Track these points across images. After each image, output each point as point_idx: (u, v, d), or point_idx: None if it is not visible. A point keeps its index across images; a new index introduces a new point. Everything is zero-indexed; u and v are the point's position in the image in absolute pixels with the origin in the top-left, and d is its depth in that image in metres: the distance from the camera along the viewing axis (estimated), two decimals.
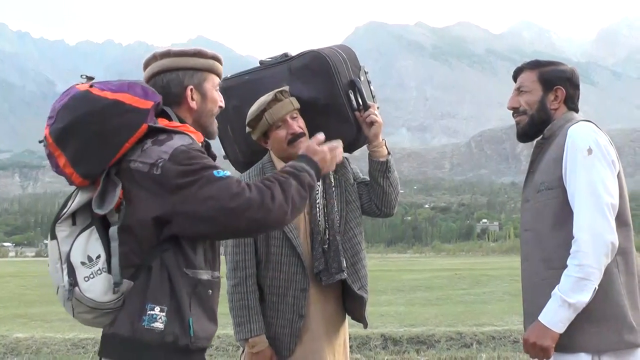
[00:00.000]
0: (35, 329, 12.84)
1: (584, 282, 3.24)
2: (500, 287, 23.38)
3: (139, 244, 2.77)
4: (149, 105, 2.83)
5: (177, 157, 2.73)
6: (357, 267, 4.08)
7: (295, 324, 3.90)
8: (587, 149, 3.37)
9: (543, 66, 3.74)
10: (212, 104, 3.11)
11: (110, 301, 2.76)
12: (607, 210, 3.31)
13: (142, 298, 2.74)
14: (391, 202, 4.21)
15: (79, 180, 2.84)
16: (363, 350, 10.28)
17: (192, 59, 3.06)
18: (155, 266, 2.76)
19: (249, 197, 2.69)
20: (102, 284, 2.74)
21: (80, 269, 2.74)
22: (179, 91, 3.02)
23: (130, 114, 2.78)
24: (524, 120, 3.73)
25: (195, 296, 2.83)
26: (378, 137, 4.07)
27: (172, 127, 2.90)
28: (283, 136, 3.91)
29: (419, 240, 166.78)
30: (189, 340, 2.77)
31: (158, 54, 3.10)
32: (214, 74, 3.13)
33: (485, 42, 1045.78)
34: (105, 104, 2.76)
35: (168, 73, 3.03)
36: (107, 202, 2.76)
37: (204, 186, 2.69)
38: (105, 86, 2.85)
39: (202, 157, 2.79)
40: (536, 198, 3.57)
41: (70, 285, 2.74)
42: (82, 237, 2.79)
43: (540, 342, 3.32)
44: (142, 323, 2.71)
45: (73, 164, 2.81)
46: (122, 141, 2.78)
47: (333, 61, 3.93)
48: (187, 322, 2.77)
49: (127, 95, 2.81)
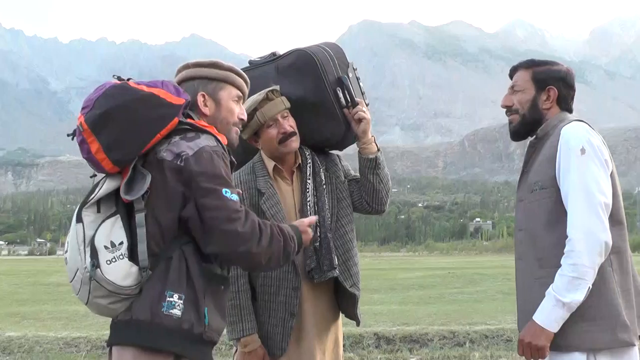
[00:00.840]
0: (28, 327, 12.78)
1: (578, 282, 3.25)
2: (493, 285, 23.43)
3: (162, 233, 2.90)
4: (181, 102, 3.01)
5: (200, 156, 2.90)
6: (348, 264, 4.07)
7: (287, 322, 3.90)
8: (580, 149, 3.38)
9: (537, 66, 3.75)
10: (227, 112, 3.23)
11: (129, 286, 2.84)
12: (601, 209, 3.32)
13: (162, 285, 2.85)
14: (382, 199, 4.20)
15: (110, 166, 2.95)
16: (356, 349, 10.25)
17: (207, 69, 3.23)
18: (176, 257, 2.89)
19: (240, 230, 2.86)
20: (124, 269, 2.83)
21: (103, 252, 2.83)
22: (193, 98, 3.18)
23: (164, 107, 2.95)
24: (516, 119, 3.75)
25: (210, 289, 2.97)
26: (367, 133, 4.06)
27: (201, 125, 3.04)
28: (274, 135, 3.92)
29: (412, 239, 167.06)
30: (204, 329, 2.90)
31: (181, 67, 3.31)
32: (231, 85, 3.26)
33: (478, 41, 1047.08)
34: (142, 94, 2.94)
35: (186, 82, 3.23)
36: (135, 189, 2.88)
37: (211, 197, 2.85)
38: (141, 82, 3.03)
39: (222, 165, 2.96)
40: (530, 198, 3.58)
41: (92, 266, 2.81)
42: (108, 223, 2.89)
43: (536, 342, 3.33)
44: (162, 309, 2.82)
45: (107, 149, 2.92)
46: (155, 131, 2.94)
47: (319, 59, 3.94)
48: (203, 311, 2.90)
49: (161, 91, 2.99)
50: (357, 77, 4.18)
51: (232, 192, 2.91)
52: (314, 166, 4.08)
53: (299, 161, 4.09)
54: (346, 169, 4.27)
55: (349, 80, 4.01)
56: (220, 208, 2.85)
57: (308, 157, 4.09)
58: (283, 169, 4.06)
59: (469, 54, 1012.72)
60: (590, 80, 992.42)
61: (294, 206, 4.02)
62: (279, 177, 4.06)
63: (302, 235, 3.20)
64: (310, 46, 4.08)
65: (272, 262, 3.01)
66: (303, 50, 4.03)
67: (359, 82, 4.19)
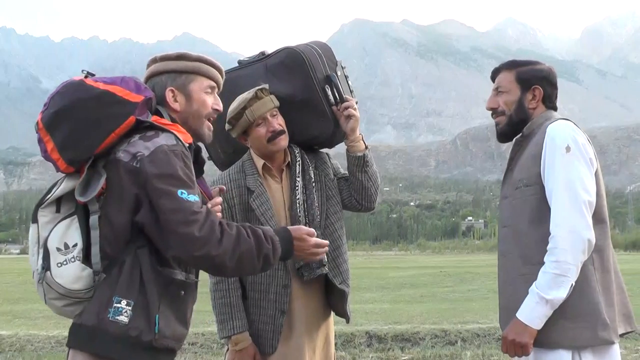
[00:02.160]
0: (20, 326, 12.75)
1: (561, 279, 3.27)
2: (485, 284, 23.42)
3: (115, 236, 2.81)
4: (139, 99, 2.88)
5: (156, 156, 2.77)
6: (338, 261, 4.09)
7: (278, 320, 3.91)
8: (565, 147, 3.40)
9: (520, 66, 3.76)
10: (199, 105, 3.11)
11: (80, 290, 2.78)
12: (585, 207, 3.33)
13: (111, 290, 2.75)
14: (371, 196, 4.21)
15: (64, 166, 2.88)
16: (348, 347, 10.25)
17: (175, 62, 3.10)
18: (128, 261, 2.79)
19: (196, 233, 2.71)
20: (74, 272, 2.76)
21: (55, 255, 2.77)
22: (161, 94, 3.07)
23: (119, 105, 2.83)
24: (503, 120, 3.76)
25: (166, 295, 2.85)
26: (355, 131, 4.08)
27: (161, 124, 2.92)
28: (263, 134, 3.93)
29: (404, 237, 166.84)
30: (153, 337, 2.76)
31: (149, 61, 3.18)
32: (202, 75, 3.13)
33: (470, 40, 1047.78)
34: (96, 92, 2.83)
35: (155, 77, 3.11)
36: (89, 190, 2.80)
37: (165, 199, 2.72)
38: (100, 79, 2.92)
39: (180, 165, 2.81)
40: (514, 195, 3.60)
41: (42, 268, 2.77)
42: (63, 225, 2.82)
43: (519, 339, 3.34)
44: (108, 315, 2.72)
45: (60, 149, 2.85)
46: (108, 130, 2.82)
47: (308, 57, 3.95)
48: (154, 318, 2.77)
49: (119, 88, 2.88)
50: (346, 76, 4.21)
51: (189, 193, 2.78)
52: (303, 164, 4.09)
53: (288, 159, 4.10)
54: (335, 167, 4.28)
55: (338, 79, 4.02)
56: (176, 210, 2.71)
57: (297, 155, 4.10)
58: (272, 167, 4.07)
59: (461, 53, 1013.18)
60: (582, 79, 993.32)
61: (284, 204, 4.03)
62: (268, 175, 4.07)
63: (293, 241, 3.02)
64: (298, 45, 4.09)
65: (244, 265, 2.85)
66: (291, 48, 4.04)
67: (347, 80, 4.20)
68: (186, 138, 2.97)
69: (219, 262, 2.77)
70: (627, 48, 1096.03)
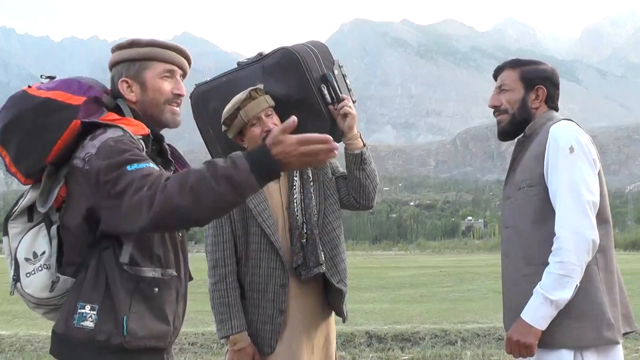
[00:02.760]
0: (19, 326, 12.75)
1: (566, 279, 3.27)
2: (485, 284, 23.45)
3: (76, 241, 2.78)
4: (79, 101, 2.81)
5: (102, 151, 2.69)
6: (335, 260, 4.09)
7: (276, 319, 3.91)
8: (569, 148, 3.39)
9: (524, 65, 3.75)
10: (154, 93, 3.00)
11: (50, 298, 2.79)
12: (589, 208, 3.33)
13: (76, 296, 2.73)
14: (369, 194, 4.20)
15: (23, 179, 2.87)
16: (347, 347, 10.25)
17: (127, 50, 3.01)
18: (92, 264, 2.75)
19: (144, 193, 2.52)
20: (42, 281, 2.77)
21: (23, 265, 2.78)
22: (116, 85, 3.00)
23: (59, 111, 2.78)
24: (505, 119, 3.75)
25: (137, 294, 2.78)
26: (353, 129, 4.07)
27: (107, 120, 2.84)
28: (258, 134, 3.93)
29: (404, 237, 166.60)
30: (123, 339, 2.70)
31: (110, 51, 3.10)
32: (156, 61, 3.01)
33: (470, 40, 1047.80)
34: (36, 102, 2.80)
35: (113, 68, 3.04)
36: (49, 200, 2.78)
37: (118, 182, 2.59)
38: (45, 85, 2.87)
39: (126, 150, 2.68)
40: (517, 195, 3.59)
41: (13, 280, 2.79)
42: (31, 234, 2.82)
43: (524, 340, 3.34)
44: (73, 321, 2.69)
45: (15, 162, 2.85)
46: (54, 138, 2.78)
47: (303, 56, 3.95)
48: (121, 320, 2.70)
49: (59, 93, 2.81)
50: (344, 75, 4.21)
51: (138, 163, 2.62)
52: None
53: None
54: (334, 166, 4.28)
55: (334, 78, 4.03)
56: (126, 185, 2.56)
57: None
58: None
59: (460, 52, 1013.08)
60: (581, 79, 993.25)
61: (281, 203, 4.04)
62: None
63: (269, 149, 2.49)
64: (295, 45, 4.09)
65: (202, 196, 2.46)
66: (287, 48, 4.04)
67: (345, 79, 4.20)
68: (137, 130, 2.86)
69: (172, 203, 2.46)
70: (627, 48, 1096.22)
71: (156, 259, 2.86)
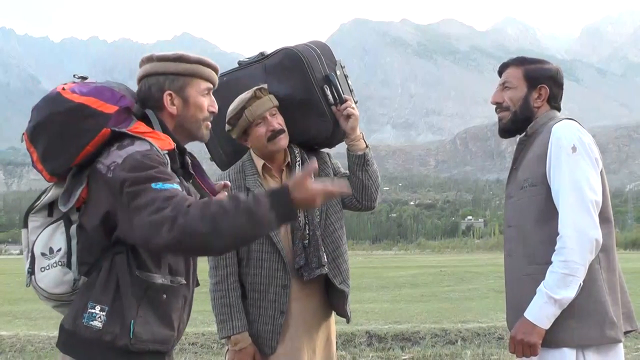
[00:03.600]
0: (20, 326, 12.73)
1: (570, 278, 3.26)
2: (485, 284, 23.43)
3: (91, 242, 2.84)
4: (112, 110, 2.87)
5: (127, 163, 2.74)
6: (338, 261, 4.09)
7: (277, 320, 3.91)
8: (571, 147, 3.39)
9: (529, 63, 3.75)
10: (196, 109, 3.08)
11: (62, 294, 2.87)
12: (592, 207, 3.33)
13: (87, 296, 2.79)
14: (371, 195, 4.20)
15: (48, 176, 2.96)
16: (348, 347, 10.24)
17: (174, 63, 3.05)
18: (105, 266, 2.80)
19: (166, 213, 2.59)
20: (56, 276, 2.85)
21: (39, 259, 2.85)
22: (158, 96, 3.03)
23: (92, 118, 2.83)
24: (507, 116, 3.75)
25: (146, 299, 2.84)
26: (355, 130, 4.07)
27: (136, 132, 2.89)
28: (262, 133, 3.93)
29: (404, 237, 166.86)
30: (128, 341, 2.76)
31: (145, 58, 3.12)
32: (200, 78, 3.09)
33: (469, 39, 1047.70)
34: (69, 106, 2.83)
35: (151, 77, 3.06)
36: (70, 200, 2.86)
37: (140, 196, 2.66)
38: (79, 88, 2.91)
39: (153, 167, 2.75)
40: (519, 194, 3.59)
41: (28, 273, 2.86)
42: (49, 229, 2.90)
43: (528, 339, 3.34)
44: (82, 320, 2.76)
45: (42, 160, 2.93)
46: (83, 143, 2.84)
47: (306, 57, 3.95)
48: (129, 324, 2.77)
49: (93, 99, 2.86)
50: (345, 75, 4.20)
51: (164, 183, 2.70)
52: (303, 164, 4.07)
53: (288, 159, 4.09)
54: (336, 166, 4.28)
55: (337, 78, 4.02)
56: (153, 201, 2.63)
57: (297, 155, 4.09)
58: (272, 167, 4.06)
59: (460, 52, 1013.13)
60: (581, 78, 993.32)
61: None
62: (268, 175, 4.06)
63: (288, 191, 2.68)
64: (297, 45, 4.09)
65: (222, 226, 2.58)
66: (290, 48, 4.04)
67: (347, 79, 4.19)
68: (163, 145, 2.91)
69: (192, 229, 2.56)
70: (627, 47, 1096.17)
71: (167, 266, 2.91)
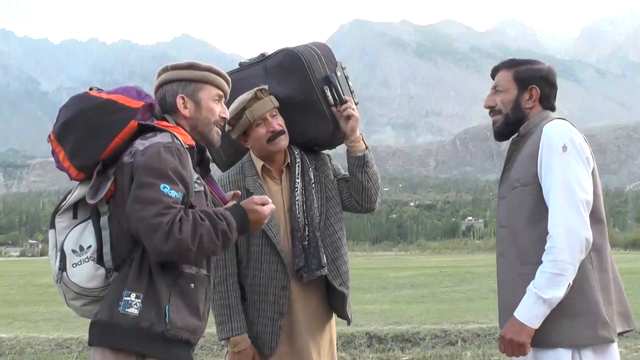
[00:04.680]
0: (20, 329, 12.76)
1: (559, 278, 3.27)
2: (485, 284, 23.44)
3: (123, 235, 2.94)
4: (139, 105, 3.04)
5: (148, 151, 2.90)
6: (337, 262, 4.07)
7: (276, 322, 3.91)
8: (562, 146, 3.40)
9: (519, 65, 3.75)
10: (207, 112, 3.26)
11: (94, 288, 2.94)
12: (582, 206, 3.33)
13: (122, 285, 2.87)
14: (371, 197, 4.19)
15: (75, 173, 3.04)
16: (348, 348, 10.24)
17: (185, 71, 3.25)
18: (137, 257, 2.90)
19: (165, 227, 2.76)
20: (88, 271, 2.93)
21: (70, 256, 2.94)
22: (172, 100, 3.22)
23: (120, 112, 3.00)
24: (500, 119, 3.76)
25: (176, 288, 2.95)
26: (355, 131, 4.07)
27: (162, 125, 3.05)
28: (263, 134, 3.94)
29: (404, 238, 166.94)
30: (165, 327, 2.85)
31: (161, 70, 3.32)
32: (210, 84, 3.28)
33: (469, 40, 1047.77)
34: (98, 102, 3.00)
35: (166, 85, 3.25)
36: (99, 193, 2.94)
37: (145, 189, 2.82)
38: (105, 90, 3.09)
39: (171, 160, 2.91)
40: (511, 195, 3.60)
41: (59, 269, 2.93)
42: (78, 228, 2.99)
43: (517, 339, 3.34)
44: (119, 308, 2.83)
45: (70, 157, 3.02)
46: (111, 136, 2.98)
47: (306, 58, 3.96)
48: (164, 309, 2.87)
49: (121, 96, 3.05)
50: (346, 76, 4.19)
51: (171, 189, 2.87)
52: (302, 165, 4.08)
53: (288, 160, 4.09)
54: (336, 168, 4.27)
55: (337, 79, 4.02)
56: (155, 202, 2.80)
57: (297, 157, 4.09)
58: (272, 168, 4.07)
59: (459, 52, 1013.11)
60: (581, 78, 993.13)
61: (283, 205, 4.03)
62: (267, 176, 4.06)
63: (247, 214, 3.12)
64: (297, 46, 4.09)
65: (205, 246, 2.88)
66: (290, 49, 4.05)
67: (347, 81, 4.19)
68: (186, 139, 3.09)
69: (185, 246, 2.80)
70: (626, 47, 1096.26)
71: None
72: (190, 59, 3.36)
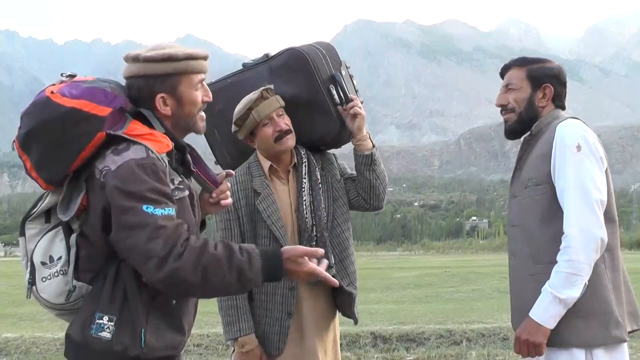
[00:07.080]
0: (25, 328, 12.76)
1: (575, 278, 3.25)
2: (489, 284, 23.38)
3: (96, 250, 2.75)
4: (106, 113, 2.73)
5: (121, 171, 2.64)
6: (345, 263, 4.08)
7: (284, 322, 3.90)
8: (576, 146, 3.38)
9: (531, 63, 3.73)
10: (190, 105, 2.94)
11: (65, 304, 2.78)
12: (597, 206, 3.32)
13: (93, 305, 2.69)
14: (379, 195, 4.19)
15: (44, 185, 2.85)
16: (353, 348, 10.24)
17: (161, 64, 2.85)
18: (111, 274, 2.71)
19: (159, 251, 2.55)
20: (58, 286, 2.75)
21: (40, 269, 2.77)
22: (150, 99, 2.88)
23: (85, 122, 2.70)
24: (512, 117, 3.73)
25: (155, 306, 2.76)
26: (362, 129, 4.07)
27: (133, 135, 2.77)
28: (270, 134, 3.92)
29: (408, 238, 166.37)
30: (140, 351, 2.68)
31: (130, 57, 2.92)
32: (191, 73, 2.92)
33: (473, 40, 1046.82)
34: (61, 112, 2.69)
35: (139, 79, 2.88)
36: (70, 208, 2.75)
37: (128, 214, 2.59)
38: (69, 90, 2.76)
39: (145, 182, 2.64)
40: (524, 194, 3.57)
41: (29, 283, 2.78)
42: (48, 237, 2.81)
43: (533, 339, 3.33)
44: (91, 331, 2.66)
45: (36, 169, 2.81)
46: (78, 149, 2.72)
47: (311, 57, 3.95)
48: (139, 333, 2.68)
49: (85, 102, 2.72)
50: (351, 75, 4.20)
51: (155, 207, 2.62)
52: (309, 165, 4.08)
53: (294, 160, 4.09)
54: (342, 167, 4.28)
55: (342, 78, 4.02)
56: (140, 226, 2.57)
57: (304, 157, 4.09)
58: (279, 168, 4.06)
59: (463, 52, 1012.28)
60: (585, 78, 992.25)
61: (290, 205, 4.02)
62: (274, 176, 4.06)
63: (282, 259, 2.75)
64: (302, 45, 4.09)
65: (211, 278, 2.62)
66: (295, 49, 4.04)
67: (352, 80, 4.19)
68: (161, 148, 2.78)
69: (182, 276, 2.56)
70: (631, 47, 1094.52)
71: None
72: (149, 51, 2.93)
